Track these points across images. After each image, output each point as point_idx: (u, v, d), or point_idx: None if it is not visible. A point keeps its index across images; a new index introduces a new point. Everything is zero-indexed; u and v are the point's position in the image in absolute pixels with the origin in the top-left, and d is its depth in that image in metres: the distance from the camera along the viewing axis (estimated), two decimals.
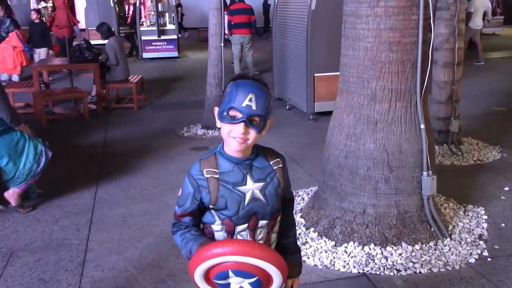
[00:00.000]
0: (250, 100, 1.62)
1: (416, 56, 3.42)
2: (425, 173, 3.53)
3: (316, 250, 3.49)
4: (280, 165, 1.81)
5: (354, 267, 3.29)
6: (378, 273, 3.23)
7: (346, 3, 3.59)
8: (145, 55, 13.87)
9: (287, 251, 1.93)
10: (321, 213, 3.78)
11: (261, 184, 1.74)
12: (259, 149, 1.80)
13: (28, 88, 7.98)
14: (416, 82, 3.45)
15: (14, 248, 3.70)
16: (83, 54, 7.97)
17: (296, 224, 3.79)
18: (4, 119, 4.17)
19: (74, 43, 8.56)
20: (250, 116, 1.63)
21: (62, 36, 8.20)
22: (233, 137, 1.65)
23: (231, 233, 1.75)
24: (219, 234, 1.76)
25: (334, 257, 3.40)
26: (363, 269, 3.27)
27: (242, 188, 1.71)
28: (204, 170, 1.72)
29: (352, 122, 3.59)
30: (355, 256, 3.39)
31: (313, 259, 3.39)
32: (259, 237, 1.77)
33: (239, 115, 1.63)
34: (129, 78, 8.46)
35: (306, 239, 3.63)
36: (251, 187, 1.72)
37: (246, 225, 1.74)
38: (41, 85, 8.30)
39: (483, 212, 4.07)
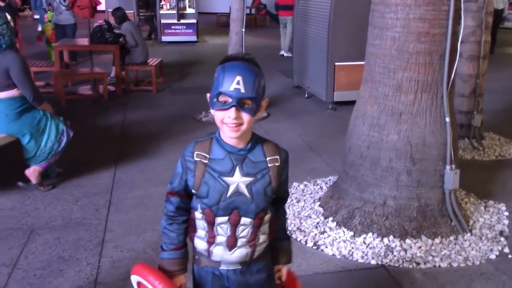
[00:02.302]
0: (238, 82, 1.55)
1: (445, 48, 3.36)
2: (448, 166, 3.49)
3: (335, 240, 3.48)
4: (277, 164, 1.71)
5: (373, 258, 3.27)
6: (396, 265, 3.22)
7: None
8: (164, 38, 13.85)
9: (275, 243, 1.89)
10: (341, 203, 3.76)
11: (250, 179, 1.66)
12: (260, 141, 1.72)
13: (49, 67, 8.02)
14: (443, 74, 3.39)
15: (35, 225, 3.74)
16: (103, 36, 7.97)
17: (315, 213, 3.82)
18: (27, 97, 4.19)
19: (95, 25, 8.55)
20: (240, 99, 1.56)
21: (83, 16, 8.20)
22: (226, 124, 1.59)
23: (211, 224, 1.71)
24: (200, 223, 1.74)
25: (352, 248, 3.39)
26: (382, 261, 3.25)
27: (227, 179, 1.65)
28: (195, 153, 1.68)
29: (376, 112, 3.55)
30: (374, 248, 3.38)
31: (331, 249, 3.38)
32: (241, 235, 1.71)
33: (229, 100, 1.57)
34: (148, 61, 8.46)
35: (324, 228, 3.62)
36: (237, 180, 1.65)
37: (226, 218, 1.68)
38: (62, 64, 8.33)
39: (504, 208, 4.02)
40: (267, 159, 1.69)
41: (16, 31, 7.42)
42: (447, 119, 3.45)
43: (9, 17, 4.43)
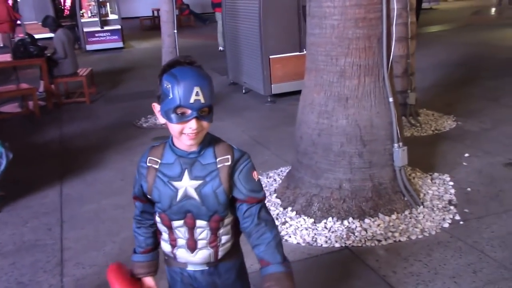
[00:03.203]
0: (197, 93, 1.51)
1: (382, 31, 3.49)
2: (396, 145, 3.63)
3: (297, 229, 3.53)
4: (228, 163, 1.63)
5: (336, 242, 3.36)
6: (359, 245, 3.32)
7: None
8: (89, 47, 13.45)
9: (260, 261, 1.66)
10: (297, 192, 3.82)
11: (198, 182, 1.62)
12: (211, 142, 1.67)
13: None
14: (382, 57, 3.52)
15: None
16: (27, 49, 7.64)
17: (273, 204, 3.86)
18: None
19: (17, 39, 8.18)
20: (200, 109, 1.54)
21: (3, 31, 7.81)
22: (186, 134, 1.56)
23: (169, 227, 1.71)
24: (160, 227, 1.75)
25: (315, 234, 3.46)
26: (345, 243, 3.34)
27: (176, 184, 1.63)
28: (148, 158, 1.68)
29: (323, 100, 3.63)
30: (336, 231, 3.46)
31: (295, 238, 3.44)
32: (199, 237, 1.69)
33: (188, 112, 1.53)
34: (78, 71, 8.20)
35: (284, 218, 3.67)
36: (185, 184, 1.63)
37: (182, 221, 1.68)
38: None
39: (448, 179, 4.23)
40: (217, 159, 1.63)
41: None
42: (391, 99, 3.58)
43: None
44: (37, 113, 7.26)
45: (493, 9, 18.87)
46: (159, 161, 1.66)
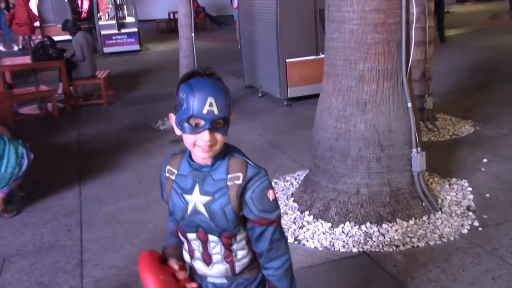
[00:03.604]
0: (211, 104, 1.48)
1: (401, 36, 3.48)
2: (414, 150, 3.62)
3: (314, 233, 3.54)
4: (238, 182, 1.56)
5: (354, 246, 3.36)
6: (377, 250, 3.31)
7: None
8: (106, 49, 13.56)
9: (267, 282, 1.70)
10: (315, 196, 3.83)
11: (207, 198, 1.58)
12: (227, 156, 1.61)
13: None
14: (401, 61, 3.52)
15: (6, 254, 3.61)
16: (47, 52, 7.74)
17: (290, 208, 3.87)
18: None
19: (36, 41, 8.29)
20: (213, 121, 1.50)
21: (23, 33, 7.93)
22: (199, 146, 1.53)
23: (185, 238, 1.70)
24: (180, 235, 1.74)
25: (332, 238, 3.46)
26: (363, 248, 3.34)
27: (187, 197, 1.61)
28: (167, 168, 1.68)
29: (341, 104, 3.63)
30: (353, 236, 3.46)
31: (312, 242, 3.44)
32: (213, 251, 1.66)
33: (202, 122, 1.50)
34: (96, 73, 8.28)
35: (302, 222, 3.68)
36: (195, 199, 1.60)
37: (195, 235, 1.65)
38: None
39: (467, 184, 4.20)
40: (228, 176, 1.58)
41: None
42: (409, 104, 3.58)
43: None
44: (55, 115, 7.36)
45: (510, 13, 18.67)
46: (176, 172, 1.65)
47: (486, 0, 18.61)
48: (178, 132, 1.58)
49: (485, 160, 4.71)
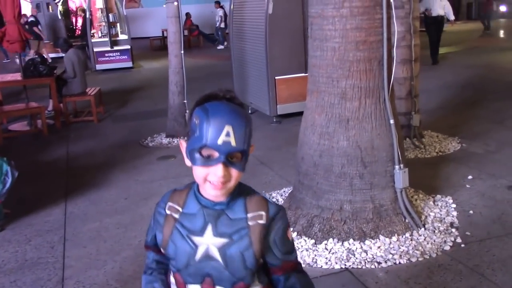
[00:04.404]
0: (228, 134, 1.27)
1: (382, 54, 3.53)
2: (397, 166, 3.64)
3: (297, 249, 3.53)
4: (262, 222, 1.38)
5: (336, 263, 3.35)
6: (359, 267, 3.31)
7: (311, 5, 3.67)
8: (99, 66, 13.62)
9: None
10: (299, 213, 3.83)
11: (223, 240, 1.36)
12: (242, 192, 1.42)
13: None
14: (383, 79, 3.56)
15: None
16: (37, 69, 7.77)
17: None
18: None
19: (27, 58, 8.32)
20: (229, 154, 1.30)
21: (14, 51, 7.96)
22: (211, 182, 1.32)
23: None
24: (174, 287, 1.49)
25: (315, 255, 3.46)
26: (345, 264, 3.34)
27: (196, 239, 1.37)
28: (169, 204, 1.45)
29: (324, 121, 3.66)
30: (336, 252, 3.46)
31: None
32: None
33: (216, 154, 1.30)
34: (87, 90, 8.30)
35: None
36: (208, 242, 1.37)
37: (199, 286, 1.40)
38: None
39: (451, 201, 4.22)
40: (248, 215, 1.38)
41: None
42: (391, 121, 3.60)
43: None
44: (45, 132, 7.35)
45: (502, 32, 18.91)
46: (181, 209, 1.42)
47: (477, 19, 18.82)
48: (188, 163, 1.38)
49: (470, 177, 4.74)
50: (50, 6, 17.77)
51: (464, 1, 23.05)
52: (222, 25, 18.70)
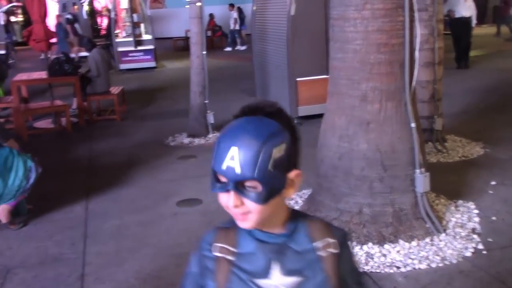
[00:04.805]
0: (232, 158, 1.09)
1: (404, 56, 3.50)
2: (417, 170, 3.60)
3: None
4: (334, 250, 1.21)
5: None
6: (378, 271, 3.28)
7: (333, 7, 3.66)
8: (122, 66, 13.76)
9: None
10: (317, 215, 3.81)
11: (295, 279, 1.18)
12: (301, 220, 1.24)
13: (8, 103, 7.86)
14: (405, 81, 3.52)
15: (10, 265, 3.65)
16: (62, 67, 7.89)
17: None
18: None
19: (53, 57, 8.47)
20: (237, 181, 1.11)
21: (40, 50, 8.10)
22: (232, 213, 1.17)
23: None
24: None
25: None
26: (364, 268, 3.31)
27: (262, 282, 1.18)
28: (217, 246, 1.23)
29: (344, 123, 3.64)
30: (355, 256, 3.43)
31: None
32: None
33: (225, 181, 1.14)
34: (110, 89, 8.41)
35: None
36: (276, 283, 1.18)
37: None
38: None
39: (473, 206, 4.16)
40: (316, 245, 1.20)
41: None
42: (413, 125, 3.57)
43: None
44: (69, 130, 7.47)
45: None
46: (235, 250, 1.21)
47: (503, 23, 18.49)
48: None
49: (493, 183, 4.66)
50: (75, 6, 18.02)
51: (490, 4, 22.67)
52: (237, 27, 18.81)
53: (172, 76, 12.78)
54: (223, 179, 1.14)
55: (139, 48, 13.87)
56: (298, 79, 7.02)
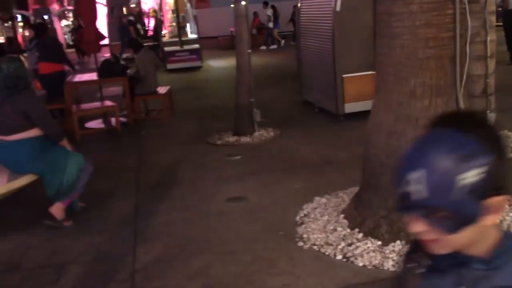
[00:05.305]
0: (419, 180, 0.93)
1: (454, 50, 3.40)
2: None
3: (364, 251, 3.48)
4: None
5: None
6: None
7: (379, 2, 3.60)
8: (169, 66, 14.00)
9: None
10: (365, 213, 3.77)
11: None
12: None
13: (60, 104, 8.13)
14: (455, 77, 3.43)
15: (64, 261, 3.78)
16: (112, 69, 8.09)
17: (340, 225, 3.83)
18: (49, 136, 4.27)
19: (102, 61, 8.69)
20: (416, 206, 0.95)
21: (91, 51, 8.34)
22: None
23: None
24: None
25: (382, 257, 3.39)
26: None
27: None
28: (412, 256, 1.11)
29: (392, 120, 3.57)
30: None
31: (361, 260, 3.38)
32: None
33: (409, 203, 0.97)
34: (158, 89, 8.56)
35: (352, 240, 3.63)
36: None
37: None
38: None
39: None
40: None
41: None
42: None
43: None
44: (118, 129, 7.65)
45: None
46: (429, 262, 1.06)
47: None
48: None
49: None
50: (124, 8, 18.48)
51: None
52: (270, 25, 18.77)
53: (217, 75, 12.90)
54: (406, 201, 0.97)
55: (185, 47, 14.07)
56: (344, 75, 6.95)
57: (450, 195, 0.91)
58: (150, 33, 19.51)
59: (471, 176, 0.90)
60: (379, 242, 3.53)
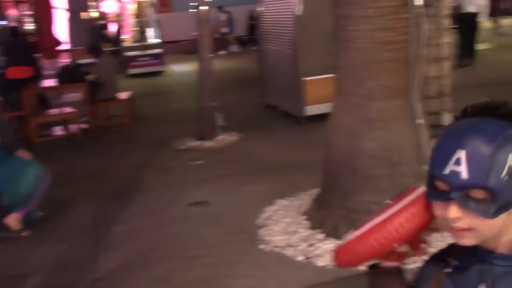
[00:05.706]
0: (457, 161, 0.92)
1: (410, 53, 3.49)
2: (425, 167, 3.59)
3: (324, 251, 3.53)
4: None
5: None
6: None
7: (338, 6, 3.66)
8: (130, 71, 13.84)
9: None
10: (326, 214, 3.82)
11: None
12: None
13: (19, 111, 7.93)
14: (411, 79, 3.52)
15: (23, 272, 3.69)
16: (71, 75, 7.96)
17: (302, 226, 3.87)
18: (4, 145, 4.17)
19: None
20: (462, 189, 0.93)
21: (48, 58, 8.18)
22: (449, 226, 0.97)
23: None
24: None
25: None
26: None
27: None
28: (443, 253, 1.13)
29: (350, 122, 3.64)
30: None
31: (322, 260, 3.43)
32: None
33: (446, 188, 0.96)
34: (119, 95, 8.46)
35: (312, 240, 3.67)
36: None
37: None
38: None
39: None
40: None
41: None
42: (419, 121, 3.57)
43: None
44: (79, 136, 7.52)
45: None
46: (455, 262, 1.07)
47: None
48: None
49: None
50: (85, 13, 18.16)
51: None
52: (224, 30, 18.96)
53: (180, 79, 12.85)
54: (442, 186, 0.96)
55: (147, 52, 13.93)
56: (305, 78, 7.02)
57: (493, 175, 0.91)
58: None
59: (501, 160, 0.91)
60: (339, 242, 3.57)
